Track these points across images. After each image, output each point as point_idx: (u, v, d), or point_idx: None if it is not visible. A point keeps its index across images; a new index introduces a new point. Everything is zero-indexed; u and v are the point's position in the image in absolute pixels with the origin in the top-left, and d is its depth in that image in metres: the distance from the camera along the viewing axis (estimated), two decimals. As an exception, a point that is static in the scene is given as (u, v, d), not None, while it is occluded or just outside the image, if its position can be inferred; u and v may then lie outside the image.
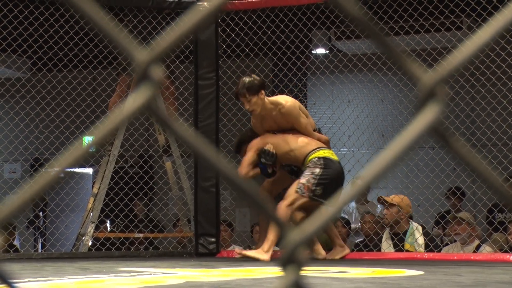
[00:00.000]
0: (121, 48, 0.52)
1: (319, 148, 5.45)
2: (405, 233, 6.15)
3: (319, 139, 5.62)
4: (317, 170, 5.34)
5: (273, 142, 5.52)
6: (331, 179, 5.36)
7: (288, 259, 0.56)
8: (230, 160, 6.31)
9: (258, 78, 5.46)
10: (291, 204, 5.30)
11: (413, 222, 6.23)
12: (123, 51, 0.52)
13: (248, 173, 5.53)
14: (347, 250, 5.68)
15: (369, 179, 0.58)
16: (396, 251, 6.07)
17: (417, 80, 0.58)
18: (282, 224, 0.58)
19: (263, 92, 5.42)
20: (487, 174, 0.59)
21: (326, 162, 5.37)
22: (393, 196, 6.29)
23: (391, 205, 6.15)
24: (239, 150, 5.79)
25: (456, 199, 7.30)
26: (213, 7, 0.52)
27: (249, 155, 5.54)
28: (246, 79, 5.41)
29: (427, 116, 0.57)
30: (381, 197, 6.30)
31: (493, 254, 5.84)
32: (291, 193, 5.33)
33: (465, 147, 0.58)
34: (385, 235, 6.26)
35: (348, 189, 0.63)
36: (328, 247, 5.90)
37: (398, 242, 6.13)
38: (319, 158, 5.38)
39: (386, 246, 6.18)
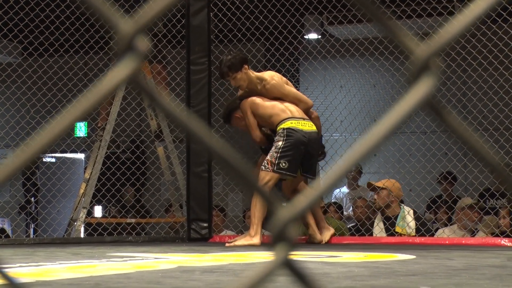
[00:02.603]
0: (105, 19, 0.51)
1: (289, 118, 5.47)
2: (396, 217, 6.18)
3: (307, 109, 5.65)
4: (280, 143, 5.38)
5: (259, 104, 5.55)
6: (294, 150, 5.38)
7: (277, 237, 0.56)
8: (224, 144, 6.31)
9: (238, 54, 5.57)
10: (265, 183, 5.31)
11: (404, 206, 6.26)
12: (106, 22, 0.51)
13: (261, 135, 5.60)
14: (332, 230, 5.77)
15: (364, 151, 0.57)
16: (388, 235, 6.09)
17: (410, 53, 0.57)
18: (273, 202, 0.58)
19: (246, 66, 5.54)
20: (478, 147, 0.58)
21: (288, 132, 5.39)
22: (383, 180, 6.31)
23: (381, 189, 6.17)
24: (229, 119, 5.83)
25: (447, 183, 7.32)
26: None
27: (250, 119, 5.57)
28: (227, 57, 5.53)
29: (421, 89, 0.57)
30: (370, 182, 6.33)
31: (484, 238, 5.86)
32: (260, 173, 5.38)
33: (457, 120, 0.58)
34: (377, 219, 6.28)
35: (338, 165, 0.62)
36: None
37: (390, 226, 6.15)
38: (283, 129, 5.41)
39: (378, 230, 6.21)
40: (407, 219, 6.13)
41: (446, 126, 0.57)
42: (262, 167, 5.39)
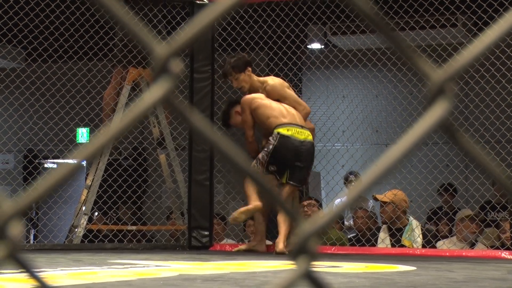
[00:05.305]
0: (140, 41, 0.53)
1: (286, 124, 5.48)
2: (402, 229, 6.14)
3: (306, 114, 5.69)
4: (270, 147, 5.42)
5: (260, 104, 5.56)
6: (281, 158, 5.41)
7: (299, 249, 0.58)
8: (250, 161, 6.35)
9: (243, 55, 5.66)
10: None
11: (413, 220, 6.22)
12: (141, 44, 0.53)
13: (253, 137, 5.60)
14: None
15: (380, 173, 0.59)
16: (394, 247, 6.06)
17: (426, 78, 0.59)
18: (296, 217, 0.60)
19: (249, 69, 5.64)
20: (492, 169, 0.60)
21: (281, 139, 5.42)
22: (386, 193, 6.24)
23: (385, 203, 6.14)
24: (229, 117, 5.84)
25: (448, 195, 7.34)
26: (231, 1, 0.54)
27: (247, 117, 5.58)
28: (232, 57, 5.61)
29: (437, 112, 0.59)
30: (374, 195, 6.30)
31: (485, 250, 5.87)
32: None
33: (470, 143, 0.60)
34: (382, 232, 6.23)
35: (358, 183, 0.64)
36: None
37: (394, 237, 6.11)
38: (278, 133, 5.44)
39: (383, 246, 6.15)
40: (415, 234, 6.09)
41: (460, 148, 0.59)
42: (253, 164, 5.45)
